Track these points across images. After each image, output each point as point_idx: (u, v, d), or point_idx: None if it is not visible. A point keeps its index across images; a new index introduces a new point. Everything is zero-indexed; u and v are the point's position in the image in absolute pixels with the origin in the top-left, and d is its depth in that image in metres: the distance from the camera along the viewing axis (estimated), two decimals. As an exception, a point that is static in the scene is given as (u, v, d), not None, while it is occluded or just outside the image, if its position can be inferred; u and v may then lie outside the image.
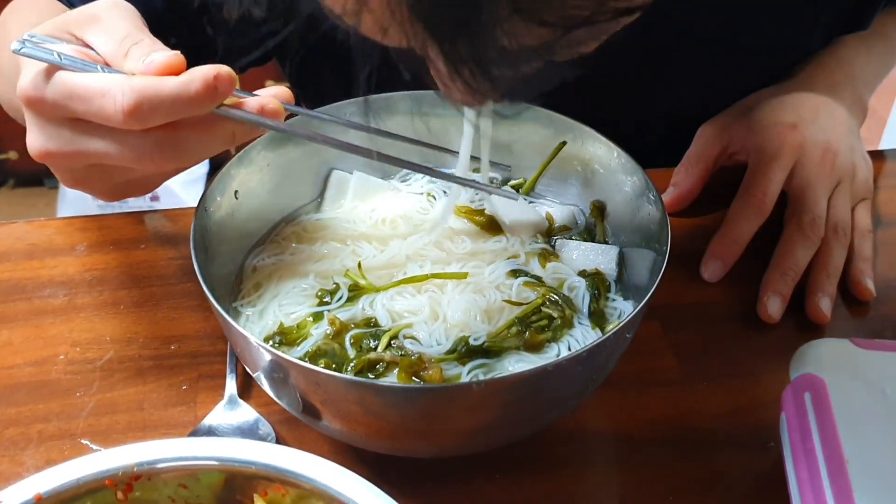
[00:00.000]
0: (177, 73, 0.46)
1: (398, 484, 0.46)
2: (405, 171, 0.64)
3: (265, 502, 0.42)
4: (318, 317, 0.53)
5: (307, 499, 0.42)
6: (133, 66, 0.47)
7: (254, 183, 0.57)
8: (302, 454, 0.42)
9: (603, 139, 0.57)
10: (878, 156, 0.80)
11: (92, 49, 0.49)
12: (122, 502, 0.42)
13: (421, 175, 0.64)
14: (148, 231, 0.70)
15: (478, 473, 0.52)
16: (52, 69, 0.47)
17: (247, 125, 0.48)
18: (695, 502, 0.51)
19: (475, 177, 0.63)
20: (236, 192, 0.56)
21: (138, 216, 0.72)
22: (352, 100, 0.59)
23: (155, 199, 2.22)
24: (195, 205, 0.52)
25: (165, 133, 0.46)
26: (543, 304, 0.54)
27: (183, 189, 2.27)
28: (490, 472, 0.53)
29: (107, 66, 0.48)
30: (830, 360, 0.50)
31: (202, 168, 2.28)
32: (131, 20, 0.51)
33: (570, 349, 0.52)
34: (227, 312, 0.46)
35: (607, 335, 0.45)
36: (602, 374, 0.50)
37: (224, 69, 0.45)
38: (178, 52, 0.47)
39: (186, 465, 0.43)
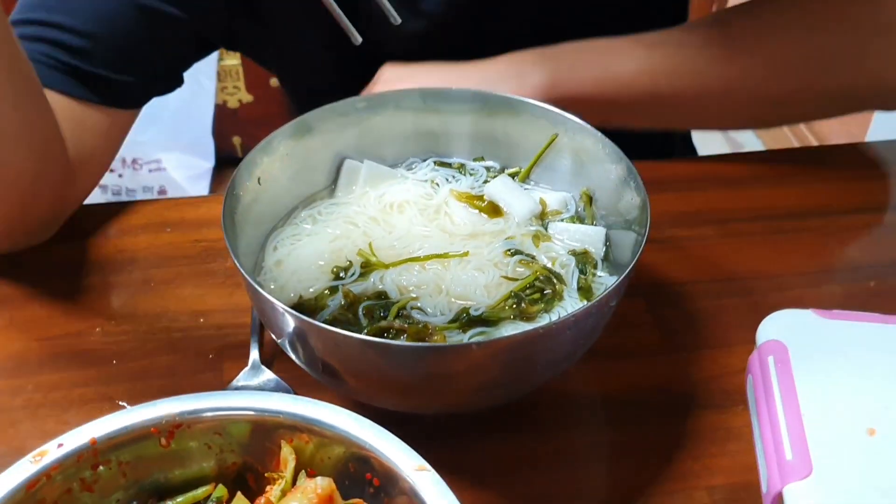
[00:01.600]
0: None
1: (403, 439, 0.52)
2: (411, 159, 0.70)
3: (291, 447, 0.48)
4: (333, 290, 0.59)
5: (328, 446, 0.48)
6: None
7: (275, 170, 0.63)
8: (324, 405, 0.48)
9: (591, 130, 0.63)
10: (862, 148, 0.86)
11: None
12: (164, 447, 0.48)
13: (426, 164, 0.69)
14: (173, 216, 0.76)
15: (477, 431, 0.58)
16: None
17: None
18: (672, 455, 0.57)
19: (476, 166, 0.70)
20: (259, 178, 0.62)
21: (164, 203, 0.78)
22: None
23: (162, 192, 2.29)
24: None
25: None
26: (537, 279, 0.60)
27: (188, 183, 2.33)
28: (489, 430, 0.58)
29: None
30: (793, 328, 0.56)
31: (208, 163, 2.35)
32: None
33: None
34: (255, 283, 0.52)
35: (591, 303, 0.51)
36: (589, 340, 0.55)
37: None
38: None
39: (222, 415, 0.48)
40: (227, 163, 2.45)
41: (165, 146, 2.23)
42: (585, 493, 0.56)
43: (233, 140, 2.41)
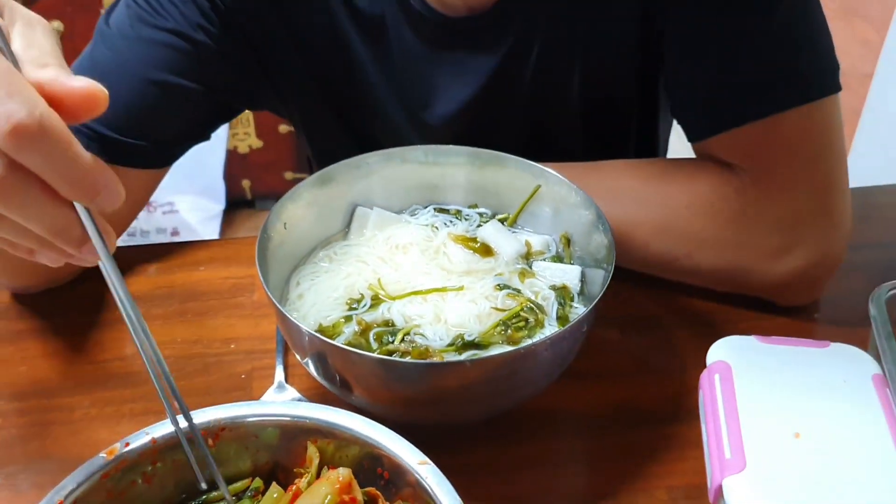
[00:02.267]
0: (93, 106, 0.43)
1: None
2: (415, 206, 0.80)
3: (315, 447, 0.58)
4: (348, 319, 0.69)
5: (345, 446, 0.58)
6: (49, 75, 0.43)
7: (299, 216, 0.73)
8: (342, 412, 0.58)
9: (567, 182, 0.73)
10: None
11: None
12: (211, 447, 0.58)
13: (427, 211, 0.80)
14: (205, 256, 0.87)
15: (471, 439, 0.68)
16: None
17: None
18: (637, 460, 0.67)
19: (470, 212, 0.80)
20: (285, 223, 0.72)
21: (197, 244, 0.88)
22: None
23: (175, 233, 2.40)
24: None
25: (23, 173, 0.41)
26: (522, 310, 0.70)
27: (200, 225, 2.44)
28: (480, 437, 0.68)
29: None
30: (737, 351, 0.67)
31: (219, 206, 2.46)
32: (58, 45, 0.47)
33: (541, 343, 0.68)
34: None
35: (564, 329, 0.61)
36: (565, 361, 0.66)
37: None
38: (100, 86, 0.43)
39: (258, 421, 0.58)
40: (237, 205, 2.56)
41: (179, 189, 2.34)
42: (563, 492, 0.66)
43: (242, 183, 2.52)
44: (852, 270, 0.84)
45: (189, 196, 2.38)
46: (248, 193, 2.55)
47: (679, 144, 0.94)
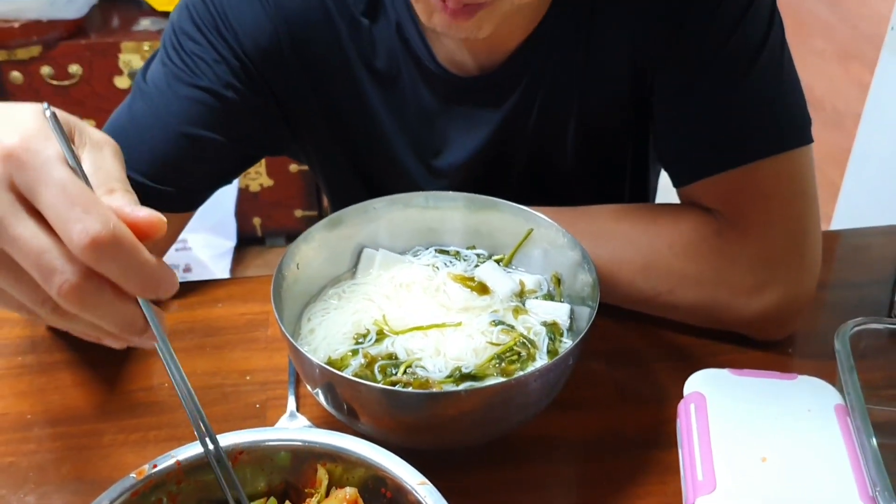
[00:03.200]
0: (153, 232, 0.48)
1: (412, 465, 0.68)
2: (417, 248, 0.87)
3: (325, 469, 0.64)
4: (354, 352, 0.75)
5: (352, 468, 0.63)
6: (117, 203, 0.48)
7: (310, 256, 0.80)
8: (349, 437, 0.64)
9: (555, 225, 0.80)
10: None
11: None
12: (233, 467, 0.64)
13: (428, 252, 0.87)
14: (223, 294, 0.93)
15: (467, 463, 0.74)
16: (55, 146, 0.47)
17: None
18: (619, 483, 0.73)
19: (468, 253, 0.87)
20: (298, 264, 0.79)
21: (215, 282, 0.95)
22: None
23: (188, 269, 2.47)
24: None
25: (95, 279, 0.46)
26: (515, 344, 0.76)
27: (212, 261, 2.51)
28: (476, 462, 0.74)
29: None
30: (712, 383, 0.73)
31: (230, 243, 2.53)
32: (123, 166, 0.52)
33: (532, 375, 0.74)
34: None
35: (553, 361, 0.67)
36: (554, 391, 0.72)
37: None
38: (161, 215, 0.49)
39: (273, 445, 0.64)
40: (247, 242, 2.63)
41: (192, 227, 2.37)
42: (551, 512, 0.72)
43: (253, 221, 2.60)
44: (825, 308, 0.90)
45: (201, 233, 2.45)
46: (258, 231, 2.62)
47: (666, 190, 1.01)
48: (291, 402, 0.79)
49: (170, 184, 0.87)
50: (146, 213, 0.48)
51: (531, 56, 0.90)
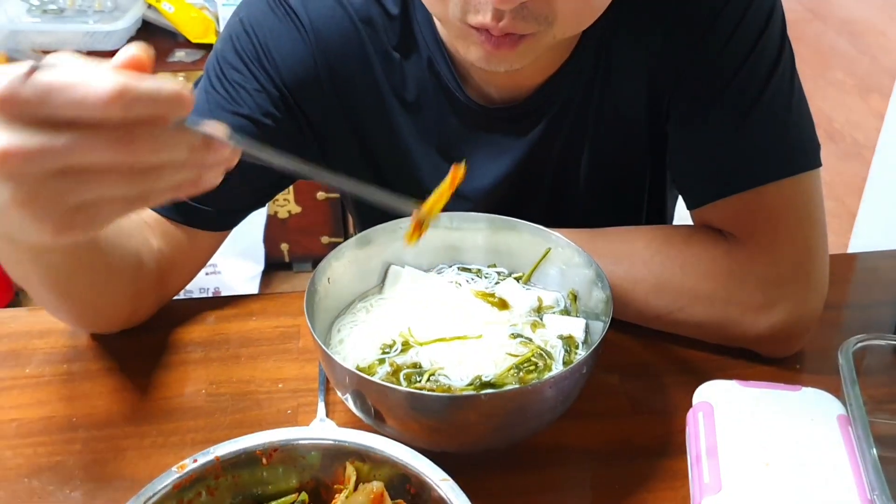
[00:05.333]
0: (143, 64, 0.50)
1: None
2: (441, 265, 0.92)
3: (353, 467, 0.69)
4: (381, 361, 0.80)
5: (379, 466, 0.68)
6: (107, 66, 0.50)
7: (340, 272, 0.85)
8: (376, 436, 0.68)
9: (572, 244, 0.85)
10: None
11: None
12: (265, 466, 0.69)
13: (452, 269, 0.91)
14: (257, 308, 0.99)
15: (487, 466, 0.78)
16: (31, 72, 0.48)
17: (204, 141, 0.55)
18: (631, 489, 0.76)
19: (489, 271, 0.91)
20: (329, 279, 0.84)
21: (250, 297, 1.00)
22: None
23: (217, 293, 2.53)
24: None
25: (137, 127, 0.50)
26: (532, 356, 0.80)
27: (241, 285, 2.57)
28: (495, 465, 0.78)
29: None
30: (720, 393, 0.77)
31: (259, 267, 2.59)
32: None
33: (548, 384, 0.78)
34: (328, 352, 0.73)
35: (566, 369, 0.72)
36: (569, 399, 0.76)
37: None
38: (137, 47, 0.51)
39: (305, 443, 0.69)
40: (275, 267, 2.70)
41: (222, 252, 2.44)
42: (566, 515, 0.76)
43: (281, 247, 2.66)
44: (833, 327, 0.94)
45: (231, 258, 2.52)
46: (286, 256, 2.69)
47: (685, 220, 1.05)
48: (321, 408, 0.84)
49: (209, 203, 0.93)
50: (127, 55, 0.50)
51: (558, 88, 0.95)
